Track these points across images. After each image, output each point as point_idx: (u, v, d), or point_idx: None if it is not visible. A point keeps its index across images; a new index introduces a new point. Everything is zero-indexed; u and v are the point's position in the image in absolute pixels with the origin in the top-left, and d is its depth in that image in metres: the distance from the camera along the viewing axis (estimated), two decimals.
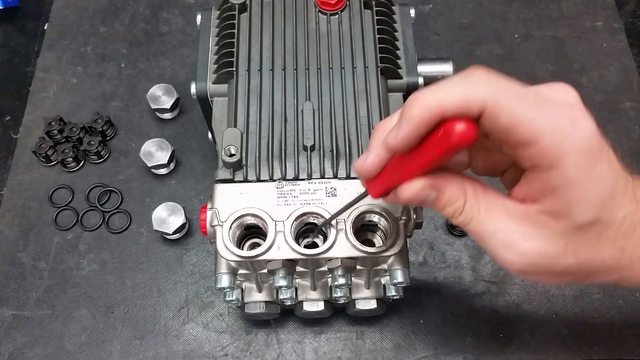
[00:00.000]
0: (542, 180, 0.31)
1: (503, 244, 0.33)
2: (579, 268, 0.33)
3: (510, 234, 0.32)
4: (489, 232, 0.33)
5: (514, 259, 0.33)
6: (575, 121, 0.29)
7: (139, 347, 0.59)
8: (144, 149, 0.65)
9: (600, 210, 0.31)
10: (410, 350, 0.58)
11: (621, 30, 0.77)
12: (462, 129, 0.28)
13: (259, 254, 0.43)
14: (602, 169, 0.30)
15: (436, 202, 0.34)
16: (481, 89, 0.28)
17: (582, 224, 0.31)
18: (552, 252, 0.32)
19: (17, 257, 0.63)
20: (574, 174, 0.29)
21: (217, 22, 0.55)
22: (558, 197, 0.31)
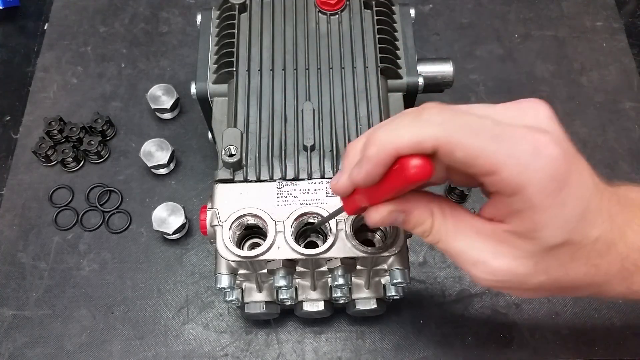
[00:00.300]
0: (507, 204, 0.31)
1: (471, 262, 0.33)
2: (550, 285, 0.34)
3: (478, 252, 0.33)
4: (457, 251, 0.34)
5: (483, 276, 0.33)
6: (537, 149, 0.29)
7: (139, 347, 0.59)
8: (144, 149, 0.65)
9: (570, 232, 0.31)
10: (410, 350, 0.58)
11: (621, 30, 0.77)
12: (415, 164, 0.29)
13: (259, 254, 0.43)
14: (570, 192, 0.30)
15: (405, 223, 0.35)
16: (432, 128, 0.29)
17: (551, 246, 0.32)
18: (521, 270, 0.33)
19: (17, 257, 0.63)
20: (538, 200, 0.30)
21: (217, 22, 0.55)
22: (524, 220, 0.31)
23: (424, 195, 0.35)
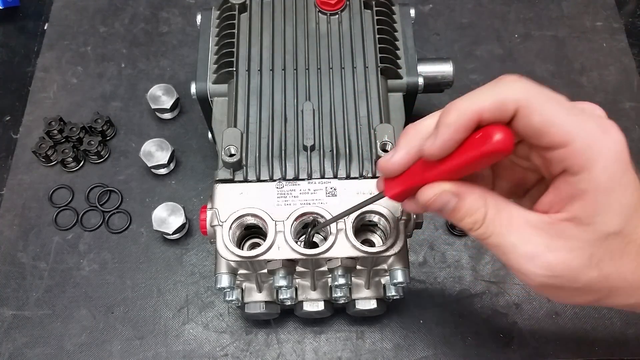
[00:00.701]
0: (571, 185, 0.31)
1: (526, 256, 0.32)
2: (600, 283, 0.32)
3: (533, 245, 0.32)
4: (510, 245, 0.32)
5: (538, 271, 0.32)
6: (606, 128, 0.30)
7: (139, 347, 0.59)
8: (144, 149, 0.65)
9: (626, 220, 0.31)
10: (410, 350, 0.58)
11: (621, 30, 0.77)
12: (501, 135, 0.28)
13: (259, 254, 0.43)
14: (630, 178, 0.30)
15: (455, 210, 0.33)
16: (514, 90, 0.30)
17: (607, 233, 0.31)
18: (576, 263, 0.31)
19: (17, 257, 0.63)
20: (603, 179, 0.30)
21: (217, 22, 0.55)
22: (585, 203, 0.30)
23: (480, 186, 0.33)
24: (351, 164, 0.46)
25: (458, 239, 0.63)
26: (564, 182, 0.31)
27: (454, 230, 0.63)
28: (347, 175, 0.46)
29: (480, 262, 0.62)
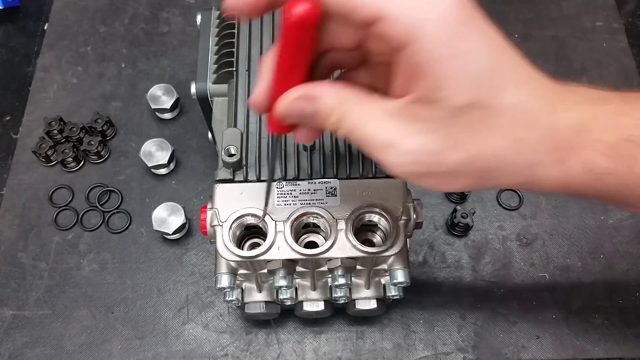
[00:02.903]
0: (405, 62, 0.28)
1: (383, 146, 0.30)
2: (471, 165, 0.30)
3: (389, 134, 0.30)
4: (367, 136, 0.31)
5: (395, 160, 0.30)
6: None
7: (139, 347, 0.59)
8: (144, 149, 0.65)
9: (477, 90, 0.28)
10: (410, 350, 0.58)
11: (621, 30, 0.77)
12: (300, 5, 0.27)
13: (259, 254, 0.43)
14: (472, 43, 0.27)
15: (314, 115, 0.31)
16: None
17: (456, 107, 0.28)
18: (433, 146, 0.29)
19: (17, 257, 0.63)
20: (435, 48, 0.27)
21: (217, 22, 0.55)
22: (424, 79, 0.28)
23: (335, 82, 0.32)
24: (352, 164, 0.46)
25: (458, 239, 0.63)
26: (400, 61, 0.29)
27: (454, 230, 0.63)
28: (347, 175, 0.46)
29: (480, 262, 0.62)
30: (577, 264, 0.62)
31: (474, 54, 0.28)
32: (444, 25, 0.27)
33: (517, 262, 0.62)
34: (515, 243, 0.63)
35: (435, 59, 0.27)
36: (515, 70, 0.30)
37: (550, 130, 0.30)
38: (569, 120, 0.30)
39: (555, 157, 0.30)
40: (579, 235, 0.63)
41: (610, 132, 0.31)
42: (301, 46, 0.29)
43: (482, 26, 0.28)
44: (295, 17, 0.27)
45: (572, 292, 0.61)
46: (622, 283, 0.61)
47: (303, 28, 0.28)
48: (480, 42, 0.28)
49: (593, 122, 0.30)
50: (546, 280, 0.61)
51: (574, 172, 0.31)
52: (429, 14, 0.27)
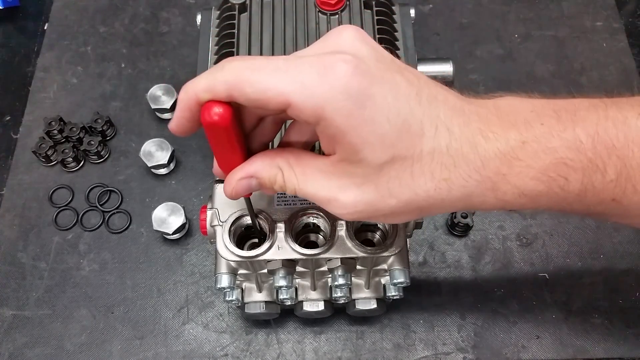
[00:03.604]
0: (322, 133, 0.32)
1: (325, 200, 0.34)
2: (406, 208, 0.33)
3: (327, 191, 0.34)
4: (311, 194, 0.34)
5: (340, 211, 0.34)
6: (324, 69, 0.30)
7: (139, 347, 0.59)
8: (144, 149, 0.65)
9: (392, 148, 0.31)
10: (410, 350, 0.58)
11: (621, 30, 0.77)
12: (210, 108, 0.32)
13: (259, 254, 0.43)
14: (376, 108, 0.30)
15: (261, 187, 0.36)
16: (224, 73, 0.31)
17: (379, 164, 0.31)
18: (368, 197, 0.33)
19: (17, 257, 0.63)
20: (341, 121, 0.30)
21: (217, 22, 0.55)
22: (343, 145, 0.31)
23: (268, 153, 0.36)
24: None
25: (458, 239, 0.63)
26: (318, 131, 0.32)
27: (454, 230, 0.63)
28: None
29: (480, 262, 0.62)
30: (577, 264, 0.62)
31: (381, 116, 0.30)
32: (345, 100, 0.29)
33: (517, 262, 0.62)
34: (515, 243, 0.63)
35: (345, 131, 0.30)
36: (432, 115, 0.32)
37: (477, 164, 0.32)
38: (496, 150, 0.32)
39: (486, 187, 0.33)
40: (579, 235, 0.63)
41: (539, 157, 0.32)
42: (223, 139, 0.34)
43: (388, 83, 0.31)
44: (209, 122, 0.32)
45: (572, 292, 0.61)
46: (622, 283, 0.61)
47: (219, 129, 0.32)
48: (387, 101, 0.30)
49: (521, 151, 0.32)
50: (546, 280, 0.61)
51: (507, 197, 0.33)
52: (330, 92, 0.29)
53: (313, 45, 0.34)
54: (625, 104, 0.35)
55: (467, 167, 0.32)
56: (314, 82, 0.30)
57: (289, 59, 0.31)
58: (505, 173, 0.33)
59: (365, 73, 0.30)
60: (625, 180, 0.33)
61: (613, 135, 0.33)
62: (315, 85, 0.29)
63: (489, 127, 0.33)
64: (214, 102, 0.32)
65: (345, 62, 0.30)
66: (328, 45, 0.32)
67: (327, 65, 0.30)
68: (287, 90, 0.30)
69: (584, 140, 0.33)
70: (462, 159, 0.32)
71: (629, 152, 0.33)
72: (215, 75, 0.31)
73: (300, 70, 0.30)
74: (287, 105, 0.30)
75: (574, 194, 0.34)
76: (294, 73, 0.30)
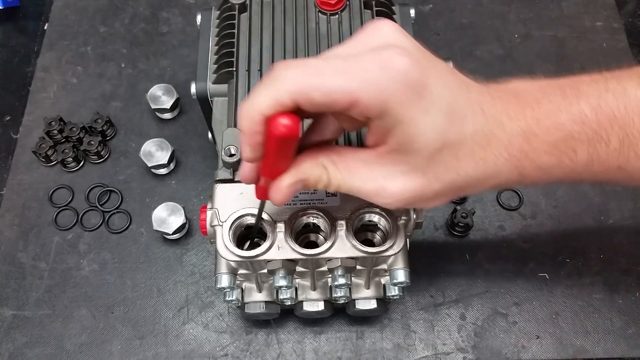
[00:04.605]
0: (380, 126, 0.32)
1: (372, 192, 0.35)
2: (448, 189, 0.35)
3: (373, 182, 0.35)
4: (357, 187, 0.35)
5: (387, 200, 0.35)
6: (385, 65, 0.30)
7: (139, 347, 0.59)
8: (144, 149, 0.65)
9: (443, 135, 0.33)
10: (410, 350, 0.58)
11: (621, 30, 0.77)
12: (280, 121, 0.31)
13: (259, 254, 0.43)
14: (431, 96, 0.31)
15: (306, 187, 0.36)
16: (284, 83, 0.31)
17: (431, 153, 0.33)
18: (416, 184, 0.34)
19: (17, 257, 0.63)
20: (402, 113, 0.31)
21: (217, 22, 0.55)
22: (398, 136, 0.32)
23: (310, 154, 0.36)
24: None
25: (458, 239, 0.63)
26: (374, 125, 0.33)
27: (454, 230, 0.63)
28: None
29: (480, 261, 0.62)
30: (577, 264, 0.62)
31: (435, 106, 0.32)
32: (407, 92, 0.31)
33: (516, 262, 0.62)
34: (515, 243, 0.63)
35: (404, 122, 0.31)
36: (469, 99, 0.34)
37: (504, 142, 0.35)
38: (518, 129, 0.35)
39: (512, 164, 0.35)
40: (579, 236, 0.63)
41: (551, 132, 0.35)
42: (287, 148, 0.34)
43: (436, 72, 0.33)
44: (280, 135, 0.31)
45: (572, 292, 0.61)
46: (622, 283, 0.61)
47: (290, 139, 0.32)
48: (438, 90, 0.32)
49: (537, 126, 0.35)
50: (546, 280, 0.61)
51: (527, 171, 0.36)
52: (393, 86, 0.30)
53: (352, 42, 0.34)
54: (624, 76, 0.37)
55: (498, 145, 0.34)
56: (377, 78, 0.30)
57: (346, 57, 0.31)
58: (527, 150, 0.35)
59: (420, 64, 0.31)
60: (627, 148, 0.36)
61: (614, 107, 0.35)
62: (380, 81, 0.30)
63: (510, 106, 0.35)
64: (280, 115, 0.31)
65: (402, 55, 0.31)
66: (372, 41, 0.33)
67: (387, 59, 0.31)
68: (353, 89, 0.30)
69: (588, 114, 0.35)
70: (494, 137, 0.34)
71: (630, 121, 0.35)
72: (277, 88, 0.31)
73: (363, 68, 0.30)
74: (354, 104, 0.31)
75: (582, 164, 0.36)
76: (357, 71, 0.30)
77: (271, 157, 0.34)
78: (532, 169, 0.36)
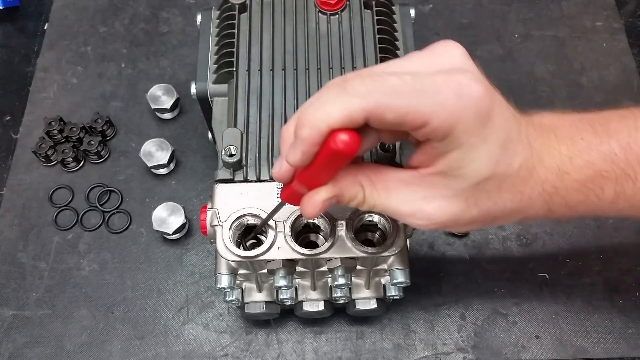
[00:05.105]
0: (437, 148, 0.32)
1: (408, 214, 0.35)
2: (483, 217, 0.35)
3: (411, 203, 0.35)
4: (393, 208, 0.35)
5: (422, 222, 0.35)
6: (460, 90, 0.30)
7: (139, 347, 0.59)
8: (144, 149, 0.65)
9: (494, 165, 0.33)
10: (410, 350, 0.58)
11: (621, 30, 0.77)
12: (343, 139, 0.30)
13: (259, 254, 0.43)
14: (493, 126, 0.32)
15: (339, 203, 0.36)
16: (359, 99, 0.30)
17: (478, 180, 0.33)
18: (454, 209, 0.34)
19: (17, 257, 0.63)
20: (465, 139, 0.31)
21: (217, 22, 0.55)
22: (451, 160, 0.32)
23: (350, 171, 0.35)
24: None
25: (458, 239, 0.63)
26: (429, 146, 0.33)
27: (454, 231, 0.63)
28: None
29: (480, 262, 0.62)
30: (577, 264, 0.62)
31: (494, 136, 0.32)
32: (475, 120, 0.31)
33: (517, 262, 0.62)
34: (515, 243, 0.63)
35: (464, 147, 0.31)
36: (521, 132, 0.34)
37: (541, 178, 0.35)
38: (554, 166, 0.36)
39: (543, 199, 0.36)
40: (579, 235, 0.63)
41: (582, 171, 0.36)
42: (338, 163, 0.33)
43: (499, 102, 0.32)
44: (338, 151, 0.30)
45: (572, 292, 0.61)
46: (622, 283, 0.61)
47: (346, 156, 0.31)
48: (497, 124, 0.32)
49: (570, 165, 0.36)
50: (546, 280, 0.61)
51: (555, 207, 0.37)
52: (465, 112, 0.30)
53: (419, 59, 0.33)
54: None
55: (536, 180, 0.35)
56: (452, 102, 0.30)
57: (418, 77, 0.30)
58: (558, 186, 0.36)
59: (489, 93, 0.31)
60: None
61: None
62: (454, 106, 0.30)
63: (550, 143, 0.36)
64: (341, 130, 0.30)
65: (476, 82, 0.31)
66: (441, 62, 0.33)
67: (463, 85, 0.30)
68: (428, 113, 0.30)
69: (617, 153, 0.36)
70: (535, 172, 0.35)
71: None
72: (351, 102, 0.30)
73: (437, 91, 0.30)
74: (423, 127, 0.30)
75: (607, 201, 0.37)
76: (433, 94, 0.30)
77: (316, 168, 0.33)
78: (560, 205, 0.37)
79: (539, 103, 0.70)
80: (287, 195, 0.37)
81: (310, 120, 0.30)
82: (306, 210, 0.36)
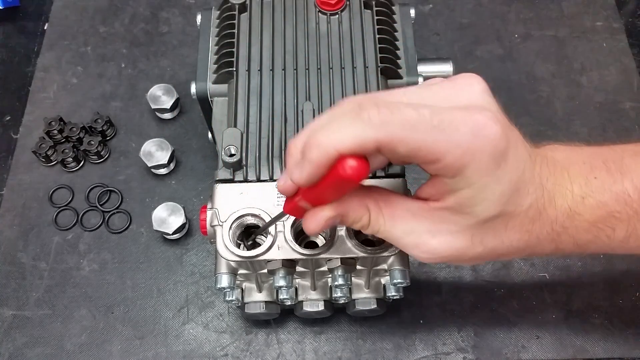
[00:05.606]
0: (447, 184, 0.32)
1: (411, 245, 0.35)
2: (488, 254, 0.35)
3: (416, 235, 0.34)
4: (397, 237, 0.35)
5: (425, 256, 0.35)
6: (477, 130, 0.30)
7: (139, 347, 0.59)
8: (144, 149, 0.65)
9: (504, 205, 0.33)
10: (410, 350, 0.58)
11: (621, 30, 0.77)
12: (352, 165, 0.29)
13: (259, 254, 0.43)
14: (506, 167, 0.31)
15: (343, 223, 0.36)
16: (373, 129, 0.29)
17: (486, 219, 0.33)
18: (459, 245, 0.34)
19: (17, 257, 0.63)
20: (476, 179, 0.31)
21: (217, 22, 0.55)
22: (460, 197, 0.32)
23: (358, 193, 0.35)
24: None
25: None
26: (439, 181, 0.32)
27: None
28: None
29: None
30: (577, 264, 0.62)
31: (507, 177, 0.32)
32: (489, 160, 0.30)
33: (517, 262, 0.62)
34: None
35: (475, 186, 0.31)
36: (534, 173, 0.34)
37: (551, 218, 0.35)
38: (564, 206, 0.35)
39: (552, 238, 0.36)
40: None
41: (594, 212, 0.36)
42: (345, 188, 0.33)
43: (515, 143, 0.32)
44: (346, 177, 0.30)
45: (572, 292, 0.61)
46: (622, 283, 0.61)
47: (348, 183, 0.30)
48: (510, 165, 0.31)
49: (582, 205, 0.35)
50: (546, 280, 0.61)
51: (563, 246, 0.37)
52: (479, 152, 0.30)
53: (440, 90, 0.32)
54: None
55: (544, 220, 0.35)
56: (467, 142, 0.29)
57: (436, 111, 0.29)
58: (568, 226, 0.35)
59: (506, 134, 0.31)
60: None
61: None
62: (469, 146, 0.29)
63: (562, 182, 0.35)
64: (350, 156, 0.29)
65: (494, 122, 0.30)
66: (462, 96, 0.32)
67: (480, 124, 0.30)
68: (442, 150, 0.29)
69: (631, 194, 0.36)
70: (544, 213, 0.35)
71: None
72: (364, 130, 0.29)
73: (454, 128, 0.29)
74: (434, 162, 0.30)
75: (618, 240, 0.37)
76: (450, 132, 0.29)
77: (322, 189, 0.32)
78: (569, 243, 0.36)
79: (539, 103, 0.70)
80: (291, 208, 0.36)
81: (320, 143, 0.30)
82: (309, 227, 0.35)
